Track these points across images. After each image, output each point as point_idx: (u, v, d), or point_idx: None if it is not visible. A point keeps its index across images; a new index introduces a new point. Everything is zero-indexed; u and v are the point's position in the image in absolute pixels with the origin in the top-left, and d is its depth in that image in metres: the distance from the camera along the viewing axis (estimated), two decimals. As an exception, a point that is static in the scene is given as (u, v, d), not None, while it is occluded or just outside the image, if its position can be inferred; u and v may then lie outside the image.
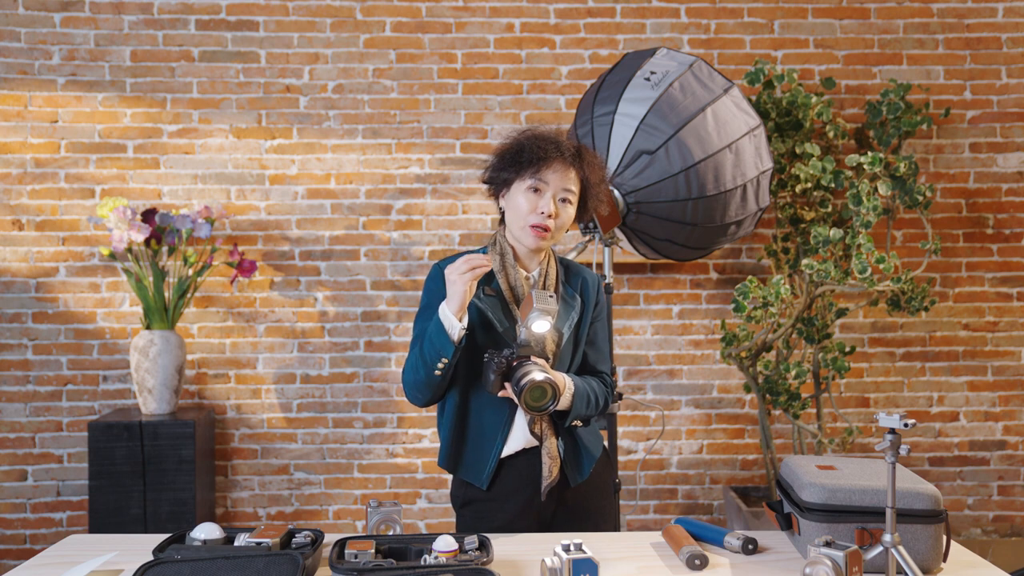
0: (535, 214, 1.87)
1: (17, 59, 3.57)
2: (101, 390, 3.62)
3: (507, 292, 1.92)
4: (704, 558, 1.61)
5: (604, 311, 2.08)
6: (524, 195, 1.88)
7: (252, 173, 3.65)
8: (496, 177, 1.94)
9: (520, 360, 1.77)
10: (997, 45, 3.74)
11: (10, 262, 3.59)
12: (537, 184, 1.87)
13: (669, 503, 3.75)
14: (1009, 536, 3.77)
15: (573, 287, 2.00)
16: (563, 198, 1.89)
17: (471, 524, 1.96)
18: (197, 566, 1.43)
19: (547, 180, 1.87)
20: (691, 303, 3.74)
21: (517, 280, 1.93)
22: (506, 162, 1.91)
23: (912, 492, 1.60)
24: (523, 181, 1.88)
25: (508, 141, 1.93)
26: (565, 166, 1.88)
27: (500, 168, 1.92)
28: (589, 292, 2.02)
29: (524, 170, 1.88)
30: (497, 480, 1.92)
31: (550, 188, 1.87)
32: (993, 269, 3.76)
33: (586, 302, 2.00)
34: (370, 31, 3.67)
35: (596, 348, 2.04)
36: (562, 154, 1.88)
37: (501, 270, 1.94)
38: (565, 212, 1.90)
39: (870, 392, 3.76)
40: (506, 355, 1.77)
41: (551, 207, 1.86)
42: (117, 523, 3.21)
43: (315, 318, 3.67)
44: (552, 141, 1.88)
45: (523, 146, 1.89)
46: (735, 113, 2.72)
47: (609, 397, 2.03)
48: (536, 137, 1.89)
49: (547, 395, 1.70)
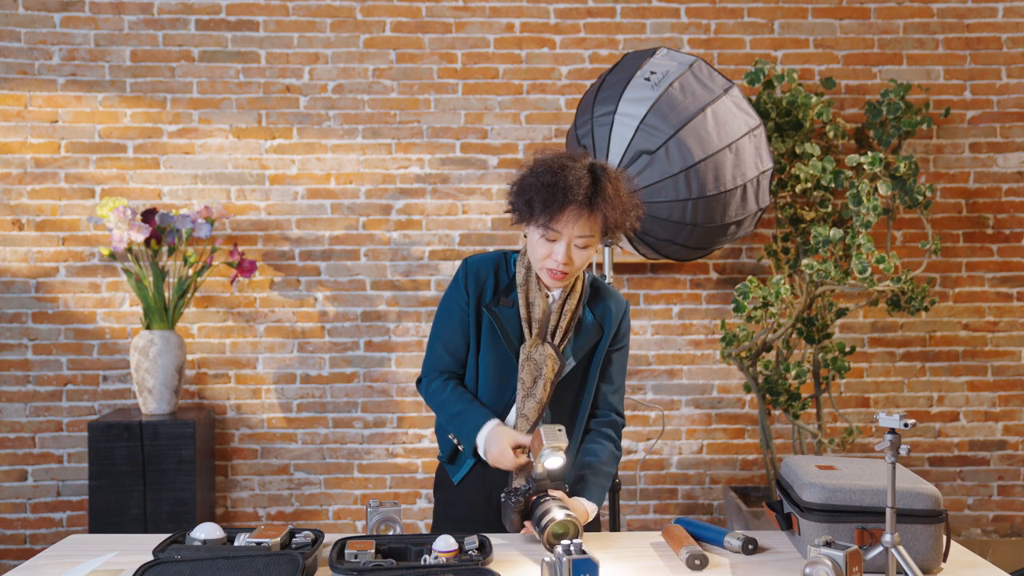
0: (550, 259, 1.80)
1: (17, 59, 3.57)
2: (101, 390, 3.62)
3: (523, 308, 1.87)
4: (704, 558, 1.61)
5: (625, 342, 1.98)
6: (539, 241, 1.80)
7: (252, 173, 3.65)
8: (514, 211, 1.84)
9: (538, 496, 1.72)
10: (997, 45, 3.74)
11: (10, 262, 3.59)
12: (551, 235, 1.78)
13: (669, 503, 3.75)
14: (1009, 536, 3.77)
15: (595, 314, 1.93)
16: (580, 244, 1.79)
17: (443, 513, 2.01)
18: (197, 566, 1.43)
19: (560, 231, 1.77)
20: (691, 303, 3.74)
21: (536, 298, 1.88)
22: (519, 201, 1.81)
23: (912, 492, 1.60)
24: (537, 228, 1.79)
25: (522, 178, 1.81)
26: (580, 212, 1.75)
27: (516, 204, 1.82)
28: (610, 321, 1.93)
29: (537, 217, 1.78)
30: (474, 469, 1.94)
31: (564, 237, 1.77)
32: (993, 269, 3.76)
33: (605, 331, 1.93)
34: (370, 31, 3.67)
35: (612, 383, 1.97)
36: (575, 200, 1.74)
37: (524, 284, 1.89)
38: (582, 255, 1.81)
39: (870, 392, 3.76)
40: (523, 492, 1.73)
41: (564, 257, 1.78)
42: (117, 523, 3.20)
43: (315, 318, 3.67)
44: (565, 187, 1.73)
45: (533, 192, 1.77)
46: (735, 113, 2.72)
47: (618, 452, 1.97)
48: (549, 184, 1.75)
49: (569, 531, 1.64)
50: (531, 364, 1.86)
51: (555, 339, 1.88)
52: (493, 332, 1.89)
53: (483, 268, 1.92)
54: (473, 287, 1.90)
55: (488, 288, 1.90)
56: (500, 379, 1.92)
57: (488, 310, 1.88)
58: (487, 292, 1.90)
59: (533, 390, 1.86)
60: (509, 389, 1.91)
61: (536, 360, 1.86)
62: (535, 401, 1.86)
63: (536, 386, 1.86)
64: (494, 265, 1.93)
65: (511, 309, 1.88)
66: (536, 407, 1.87)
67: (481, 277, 1.91)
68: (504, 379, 1.91)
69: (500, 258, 1.94)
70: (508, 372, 1.90)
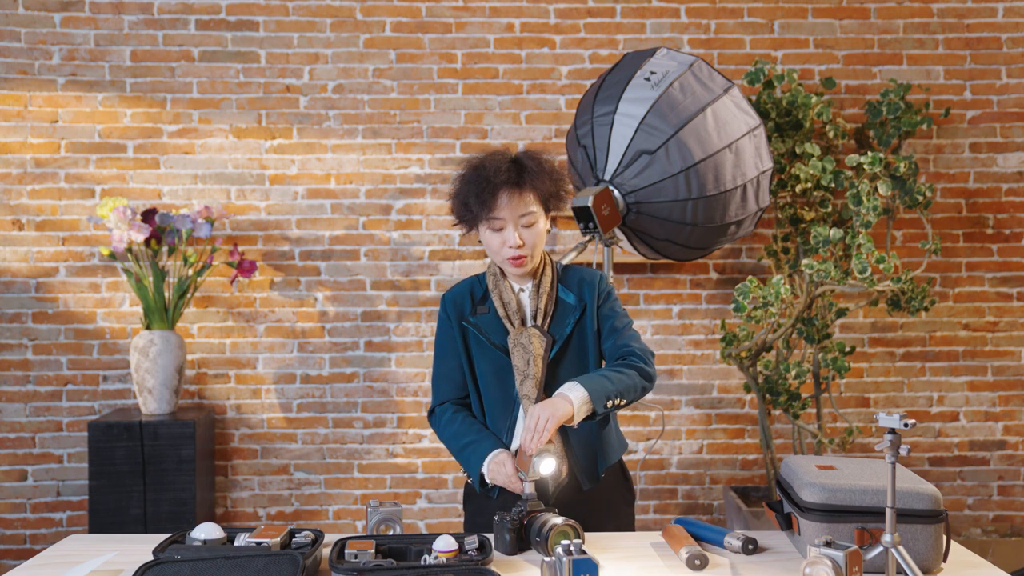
0: (505, 248, 1.89)
1: (17, 59, 3.57)
2: (101, 390, 3.62)
3: (500, 308, 1.95)
4: (704, 558, 1.61)
5: (613, 298, 2.02)
6: (489, 234, 1.90)
7: (252, 173, 3.65)
8: (461, 221, 1.94)
9: (531, 516, 1.71)
10: (997, 45, 3.74)
11: (10, 262, 3.59)
12: (494, 223, 1.88)
13: (669, 503, 3.75)
14: (1009, 536, 3.77)
15: (570, 287, 1.99)
16: (525, 223, 1.89)
17: (471, 520, 2.01)
18: (197, 566, 1.43)
19: (502, 216, 1.87)
20: (691, 303, 3.74)
21: (510, 297, 1.96)
22: (460, 209, 1.91)
23: (912, 492, 1.60)
24: (482, 224, 1.90)
25: (454, 187, 1.93)
26: (512, 192, 1.86)
27: (459, 213, 1.93)
28: (587, 289, 1.99)
29: (478, 214, 1.88)
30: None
31: (508, 220, 1.87)
32: (993, 269, 3.76)
33: (588, 302, 1.98)
34: (370, 31, 3.67)
35: (616, 330, 1.98)
36: (504, 184, 1.85)
37: (495, 288, 1.97)
38: (533, 233, 1.90)
39: (870, 392, 3.76)
40: (516, 514, 1.72)
41: (516, 239, 1.87)
42: (117, 523, 3.21)
43: (315, 318, 3.67)
44: (488, 176, 1.85)
45: (466, 193, 1.88)
46: (735, 113, 2.72)
47: (646, 366, 1.92)
48: (474, 180, 1.87)
49: (570, 536, 1.65)
50: (519, 349, 1.92)
51: (538, 322, 1.94)
52: (479, 341, 1.96)
53: (458, 295, 2.01)
54: (454, 313, 1.99)
55: (467, 306, 2.00)
56: (500, 381, 1.96)
57: (468, 323, 1.97)
58: (466, 309, 1.99)
59: (527, 371, 1.91)
60: (510, 388, 1.95)
61: (523, 344, 1.92)
62: (531, 380, 1.91)
63: (529, 367, 1.91)
64: (468, 288, 2.02)
65: (488, 315, 1.96)
66: (533, 384, 1.91)
67: (459, 302, 2.00)
68: (504, 380, 1.95)
69: (472, 281, 2.04)
70: (505, 373, 1.95)
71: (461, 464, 1.96)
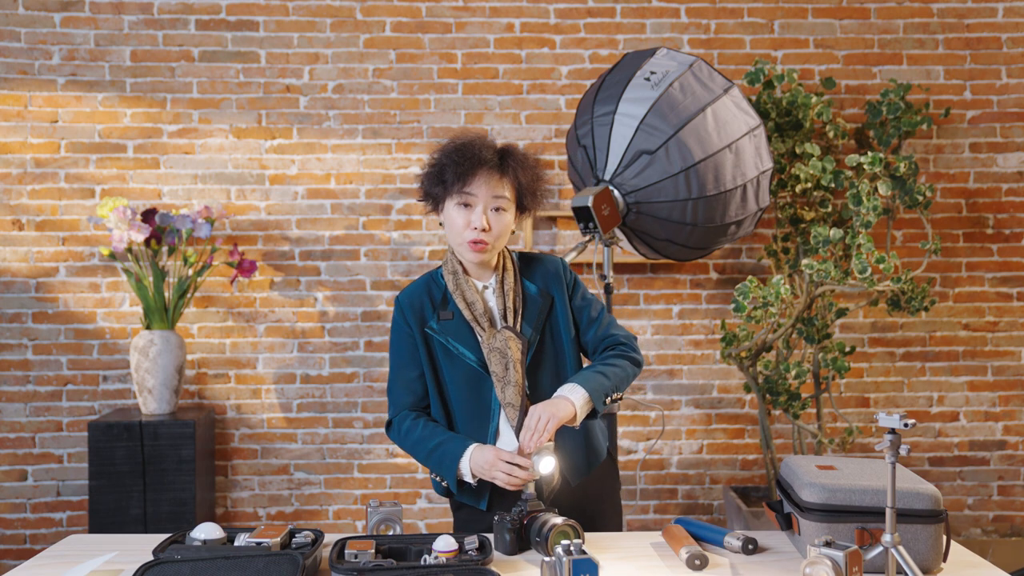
0: (469, 229, 1.82)
1: (17, 59, 3.57)
2: (101, 390, 3.62)
3: (466, 311, 1.86)
4: (704, 558, 1.61)
5: (582, 290, 1.97)
6: (456, 211, 1.83)
7: (252, 173, 3.65)
8: (427, 196, 1.88)
9: (531, 516, 1.70)
10: (997, 45, 3.74)
11: (10, 262, 3.59)
12: (466, 199, 1.82)
13: (669, 503, 3.75)
14: (1009, 536, 3.77)
15: (536, 283, 1.93)
16: (495, 207, 1.83)
17: (464, 527, 1.95)
18: (197, 566, 1.43)
19: (475, 192, 1.81)
20: (691, 303, 3.74)
21: (474, 298, 1.88)
22: (432, 181, 1.85)
23: (912, 492, 1.60)
24: (452, 198, 1.83)
25: (432, 158, 1.87)
26: (491, 174, 1.81)
27: (429, 187, 1.87)
28: (552, 281, 1.93)
29: (451, 186, 1.82)
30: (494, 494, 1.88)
31: (480, 200, 1.81)
32: (993, 269, 3.76)
33: (555, 296, 1.92)
34: (370, 31, 3.67)
35: (595, 323, 1.94)
36: (486, 162, 1.80)
37: (456, 289, 1.88)
38: (500, 221, 1.83)
39: (870, 392, 3.76)
40: (516, 514, 1.70)
41: (483, 221, 1.81)
42: (117, 523, 3.20)
43: (315, 318, 3.67)
44: (473, 151, 1.81)
45: (444, 163, 1.83)
46: (735, 113, 2.72)
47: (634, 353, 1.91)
48: (456, 150, 1.82)
49: (571, 535, 1.63)
50: (496, 354, 1.84)
51: (509, 321, 1.87)
52: (446, 350, 1.88)
53: (415, 296, 1.92)
54: (412, 318, 1.90)
55: (427, 310, 1.90)
56: (473, 390, 1.88)
57: (431, 331, 1.88)
58: (427, 314, 1.90)
59: (507, 376, 1.83)
60: (487, 396, 1.87)
61: (499, 348, 1.84)
62: (512, 386, 1.83)
63: (508, 372, 1.83)
64: (424, 287, 1.93)
65: (453, 320, 1.87)
66: (515, 391, 1.83)
67: (416, 304, 1.90)
68: (477, 388, 1.87)
69: (427, 278, 1.95)
70: (478, 380, 1.87)
71: (431, 468, 1.86)
